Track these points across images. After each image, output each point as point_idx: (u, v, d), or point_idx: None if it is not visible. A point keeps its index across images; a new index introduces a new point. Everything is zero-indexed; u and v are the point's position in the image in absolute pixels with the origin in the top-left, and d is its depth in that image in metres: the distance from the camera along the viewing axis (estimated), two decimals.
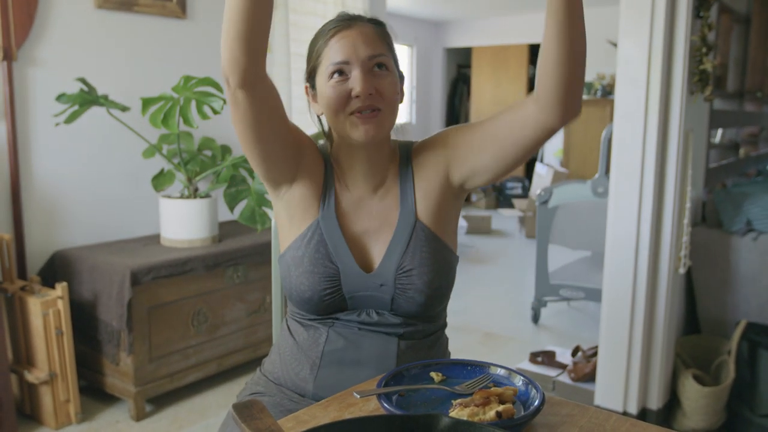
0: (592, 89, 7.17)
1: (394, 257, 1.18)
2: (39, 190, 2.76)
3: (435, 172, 1.22)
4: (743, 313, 2.65)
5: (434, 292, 1.18)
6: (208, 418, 2.62)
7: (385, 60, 1.15)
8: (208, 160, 2.99)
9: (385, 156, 1.23)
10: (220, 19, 1.01)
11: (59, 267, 2.73)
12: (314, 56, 1.18)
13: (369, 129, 1.13)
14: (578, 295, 3.72)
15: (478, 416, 0.85)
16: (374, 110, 1.13)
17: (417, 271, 1.16)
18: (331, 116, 1.15)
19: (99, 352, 2.64)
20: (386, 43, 1.18)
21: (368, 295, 1.18)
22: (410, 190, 1.22)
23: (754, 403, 2.43)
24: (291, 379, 1.22)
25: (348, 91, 1.13)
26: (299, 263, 1.18)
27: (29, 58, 2.69)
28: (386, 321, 1.19)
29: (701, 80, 2.42)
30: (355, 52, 1.13)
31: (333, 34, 1.16)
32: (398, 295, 1.17)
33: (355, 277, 1.18)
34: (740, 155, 3.82)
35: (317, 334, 1.20)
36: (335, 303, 1.18)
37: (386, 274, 1.17)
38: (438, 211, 1.21)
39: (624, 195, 2.40)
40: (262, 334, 2.99)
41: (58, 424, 2.51)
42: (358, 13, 1.21)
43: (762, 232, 2.61)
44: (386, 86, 1.14)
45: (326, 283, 1.17)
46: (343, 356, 1.18)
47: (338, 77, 1.13)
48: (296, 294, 1.19)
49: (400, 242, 1.19)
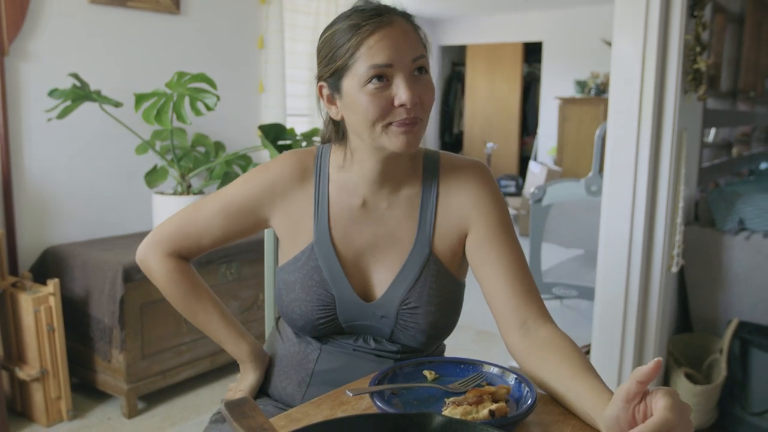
0: (586, 88, 7.18)
1: (399, 290, 1.09)
2: (31, 185, 2.74)
3: (457, 219, 1.12)
4: (735, 311, 2.66)
5: (438, 332, 1.11)
6: (201, 415, 2.61)
7: (425, 62, 1.03)
8: (202, 156, 2.97)
9: (406, 164, 1.12)
10: (214, 15, 1.01)
11: (51, 263, 2.72)
12: (342, 55, 1.01)
13: (410, 139, 1.01)
14: (571, 294, 3.73)
15: (471, 415, 0.85)
16: (416, 120, 1.01)
17: (422, 309, 1.08)
18: (364, 125, 1.01)
19: (91, 349, 2.63)
20: (422, 40, 1.05)
21: (367, 324, 1.11)
22: (430, 215, 1.11)
23: (745, 401, 2.44)
24: (277, 392, 1.19)
25: (390, 99, 0.99)
26: (291, 288, 1.11)
27: (21, 53, 2.67)
28: (384, 348, 1.13)
29: (695, 79, 2.42)
30: (398, 54, 0.98)
31: (371, 31, 0.99)
32: (399, 330, 1.10)
33: (353, 306, 1.10)
34: (733, 155, 3.83)
35: (309, 349, 1.15)
36: (330, 329, 1.12)
37: (388, 306, 1.09)
38: (453, 247, 1.12)
39: (617, 193, 2.41)
40: (255, 332, 2.98)
41: (50, 421, 2.50)
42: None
43: (754, 231, 2.62)
44: (428, 93, 1.02)
45: (320, 313, 1.10)
46: (335, 377, 1.12)
47: (378, 83, 0.98)
48: (288, 319, 1.14)
49: (410, 274, 1.09)
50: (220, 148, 3.07)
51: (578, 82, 7.23)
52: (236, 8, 3.44)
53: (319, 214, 1.12)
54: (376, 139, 1.02)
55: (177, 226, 1.19)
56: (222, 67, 3.38)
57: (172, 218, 1.21)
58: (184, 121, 2.52)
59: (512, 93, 8.39)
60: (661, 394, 0.75)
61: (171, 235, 1.19)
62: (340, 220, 1.12)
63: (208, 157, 2.99)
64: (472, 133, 8.75)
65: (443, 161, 1.15)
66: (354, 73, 1.00)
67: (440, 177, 1.13)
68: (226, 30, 3.39)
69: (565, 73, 7.58)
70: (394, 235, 1.12)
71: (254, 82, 3.60)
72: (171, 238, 1.19)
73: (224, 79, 3.36)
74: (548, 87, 7.80)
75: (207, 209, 1.17)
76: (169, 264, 1.19)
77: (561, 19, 7.57)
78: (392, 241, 1.11)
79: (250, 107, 3.60)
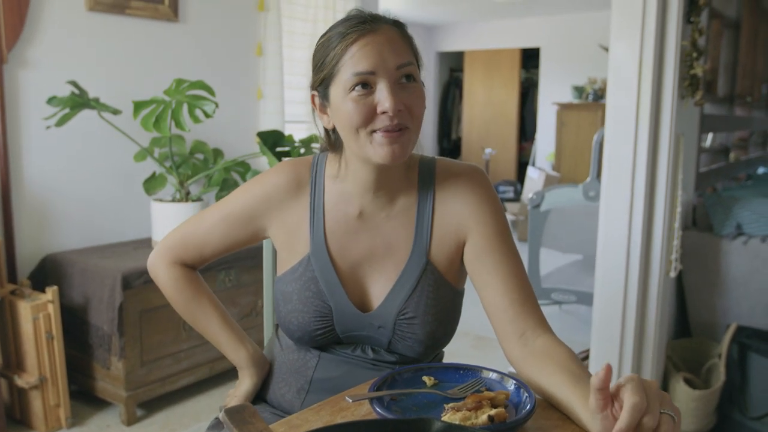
0: (584, 93, 7.20)
1: (397, 300, 1.08)
2: (30, 193, 2.74)
3: (455, 226, 1.11)
4: (734, 316, 2.66)
5: (436, 342, 1.11)
6: (200, 422, 2.61)
7: (413, 70, 1.01)
8: (200, 163, 2.98)
9: (400, 172, 1.10)
10: (212, 22, 1.02)
11: (50, 271, 2.71)
12: (328, 63, 1.01)
13: (395, 150, 0.99)
14: (570, 299, 3.73)
15: (470, 420, 0.85)
16: (402, 128, 1.00)
17: (420, 320, 1.08)
18: (350, 133, 1.01)
19: (90, 356, 2.63)
20: (412, 48, 1.04)
21: (364, 335, 1.11)
22: (427, 223, 1.10)
23: (744, 406, 2.44)
24: (276, 399, 1.19)
25: (373, 107, 0.99)
26: (288, 299, 1.11)
27: (20, 61, 2.67)
28: (382, 358, 1.12)
29: (692, 85, 2.43)
30: (382, 61, 0.98)
31: (355, 38, 0.99)
32: (396, 340, 1.10)
33: (350, 316, 1.10)
34: (730, 159, 3.85)
35: (308, 356, 1.15)
36: (328, 339, 1.12)
37: (386, 316, 1.09)
38: (450, 255, 1.11)
39: (615, 199, 2.41)
40: (253, 338, 2.94)
41: (49, 428, 2.49)
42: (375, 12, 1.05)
43: (752, 236, 2.63)
44: (415, 101, 1.01)
45: (317, 323, 1.10)
46: (334, 385, 1.11)
47: (361, 90, 0.98)
48: (286, 329, 1.14)
49: (407, 284, 1.08)
50: (219, 155, 3.08)
51: (576, 87, 7.25)
52: (234, 15, 3.45)
53: (315, 224, 1.11)
54: (361, 148, 1.02)
55: (181, 236, 1.20)
56: (220, 75, 3.39)
57: (178, 228, 1.23)
58: (183, 128, 2.52)
59: (510, 99, 8.41)
60: (624, 383, 0.78)
61: (175, 245, 1.20)
62: (337, 231, 1.11)
63: (206, 164, 2.99)
64: (470, 138, 8.77)
65: (439, 168, 1.13)
66: (339, 81, 1.00)
67: (436, 184, 1.12)
68: (224, 37, 3.40)
69: (563, 78, 7.60)
70: (391, 244, 1.11)
71: (252, 89, 3.61)
72: (175, 247, 1.20)
73: (223, 86, 3.36)
74: (546, 92, 7.82)
75: (208, 220, 1.18)
76: (175, 272, 1.21)
77: (558, 25, 7.60)
78: (389, 250, 1.11)
79: (248, 114, 3.61)
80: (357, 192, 1.10)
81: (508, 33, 8.17)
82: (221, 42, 3.39)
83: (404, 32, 1.04)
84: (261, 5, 3.54)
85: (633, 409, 0.75)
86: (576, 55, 7.44)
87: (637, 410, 0.75)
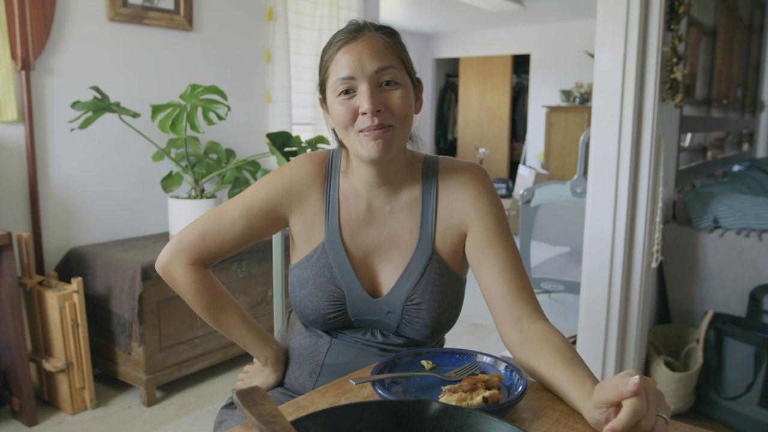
0: (571, 97, 7.18)
1: (404, 288, 1.09)
2: (55, 190, 2.74)
3: (457, 219, 1.11)
4: (710, 303, 2.66)
5: (440, 326, 1.11)
6: (214, 403, 2.61)
7: (394, 73, 1.02)
8: (214, 162, 2.97)
9: (401, 168, 1.11)
10: (224, 31, 1.02)
11: (74, 263, 2.72)
12: (322, 69, 1.06)
13: (378, 146, 1.01)
14: (558, 288, 3.73)
15: (466, 401, 0.85)
16: (384, 127, 1.01)
17: (426, 305, 1.08)
18: (343, 132, 1.05)
19: (112, 343, 2.63)
20: (396, 53, 1.04)
21: (374, 319, 1.11)
22: (431, 216, 1.11)
23: (720, 387, 2.44)
24: (290, 382, 1.19)
25: (355, 108, 1.01)
26: (304, 284, 1.11)
27: (46, 68, 2.67)
28: (390, 341, 1.13)
29: (672, 88, 2.42)
30: (360, 67, 1.00)
31: (339, 46, 1.02)
32: (404, 324, 1.10)
33: (361, 301, 1.10)
34: (708, 158, 3.83)
35: (320, 341, 1.15)
36: (340, 323, 1.12)
37: (394, 302, 1.09)
38: (453, 246, 1.12)
39: (601, 195, 2.41)
40: (264, 326, 2.98)
41: (75, 409, 2.50)
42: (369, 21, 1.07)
43: (728, 229, 2.62)
44: (395, 101, 1.02)
45: (331, 307, 1.10)
46: (344, 369, 1.12)
47: (345, 94, 1.01)
48: (301, 313, 1.14)
49: (414, 272, 1.09)
50: (231, 155, 3.07)
51: (563, 91, 7.24)
52: (245, 24, 3.44)
53: (330, 214, 1.11)
54: (353, 146, 1.04)
55: (200, 233, 1.14)
56: (232, 80, 3.38)
57: (193, 226, 1.15)
58: (197, 130, 2.52)
59: (502, 102, 8.39)
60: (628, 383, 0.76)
61: (194, 243, 1.14)
62: (349, 222, 1.12)
63: (219, 163, 2.98)
64: (465, 139, 8.75)
65: (442, 165, 1.14)
66: (330, 86, 1.04)
67: (439, 180, 1.12)
68: (235, 45, 3.39)
69: (552, 83, 7.59)
70: (398, 235, 1.11)
71: (262, 93, 3.60)
72: (194, 246, 1.14)
73: (234, 91, 3.36)
74: (536, 96, 7.80)
75: (228, 214, 1.13)
76: (194, 275, 1.14)
77: (547, 33, 7.57)
78: (396, 241, 1.11)
79: (258, 117, 3.60)
80: (362, 187, 1.11)
81: (500, 41, 8.14)
82: (233, 49, 3.38)
83: (390, 38, 1.05)
84: (270, 15, 3.52)
85: (633, 413, 0.73)
86: (564, 61, 7.42)
87: (636, 415, 0.74)
